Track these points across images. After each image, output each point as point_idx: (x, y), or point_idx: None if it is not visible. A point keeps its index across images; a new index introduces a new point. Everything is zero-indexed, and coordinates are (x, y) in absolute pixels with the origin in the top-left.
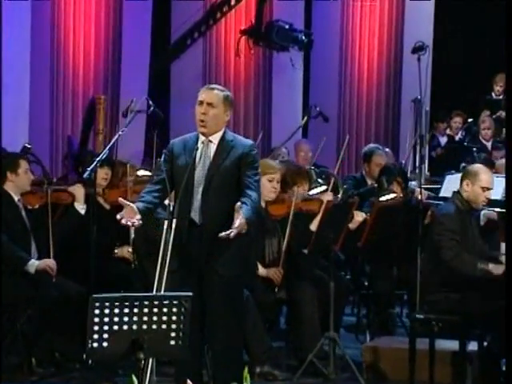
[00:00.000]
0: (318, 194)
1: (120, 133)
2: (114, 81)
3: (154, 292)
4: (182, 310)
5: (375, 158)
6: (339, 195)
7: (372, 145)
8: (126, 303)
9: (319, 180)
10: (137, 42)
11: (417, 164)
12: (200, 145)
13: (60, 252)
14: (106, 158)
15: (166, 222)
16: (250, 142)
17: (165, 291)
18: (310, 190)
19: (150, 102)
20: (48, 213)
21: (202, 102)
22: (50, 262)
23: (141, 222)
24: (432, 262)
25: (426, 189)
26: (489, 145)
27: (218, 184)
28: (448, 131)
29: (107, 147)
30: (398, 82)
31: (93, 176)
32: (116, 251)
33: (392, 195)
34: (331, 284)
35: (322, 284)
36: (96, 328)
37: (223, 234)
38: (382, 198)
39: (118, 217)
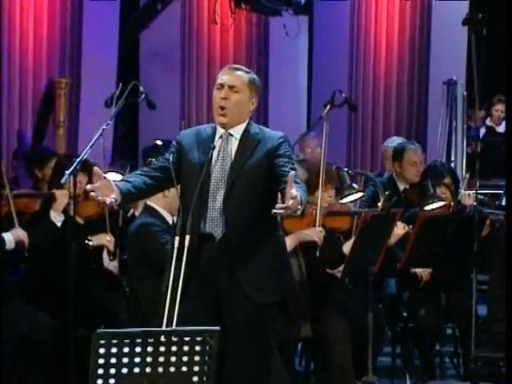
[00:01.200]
0: (352, 202)
1: (104, 127)
2: (73, 59)
3: (164, 325)
4: (207, 348)
5: (408, 155)
6: (379, 203)
7: (395, 137)
8: (138, 340)
9: (354, 185)
10: (102, 7)
11: (452, 162)
12: (218, 140)
13: (28, 275)
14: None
15: (176, 239)
16: (279, 133)
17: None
18: (342, 197)
19: (141, 88)
20: (15, 224)
21: (222, 85)
22: (20, 232)
23: (114, 201)
24: (503, 286)
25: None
26: None
27: (243, 188)
28: (488, 121)
29: (89, 145)
30: (425, 59)
31: (71, 181)
32: (91, 242)
33: (440, 203)
34: (369, 315)
35: (354, 315)
36: (101, 371)
37: (277, 206)
38: (428, 207)
39: (89, 187)
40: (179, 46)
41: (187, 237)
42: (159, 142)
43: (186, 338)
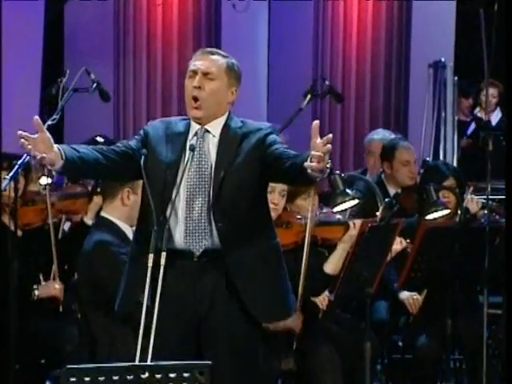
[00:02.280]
0: (345, 210)
1: (49, 122)
2: None
3: (137, 359)
4: None
5: (400, 154)
6: (378, 213)
7: (381, 130)
8: (115, 377)
9: (348, 190)
10: None
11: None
12: (192, 137)
13: None
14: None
15: (150, 257)
16: (266, 123)
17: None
18: (334, 205)
19: (93, 76)
20: None
21: (194, 72)
22: None
23: (47, 160)
24: None
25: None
26: None
27: (232, 192)
28: (477, 111)
29: None
30: (405, 37)
31: (11, 187)
32: (36, 291)
33: (444, 211)
34: (367, 345)
35: (344, 345)
36: None
37: (312, 154)
38: (430, 216)
39: (21, 132)
40: (112, 21)
41: (163, 254)
42: (100, 139)
43: (172, 375)
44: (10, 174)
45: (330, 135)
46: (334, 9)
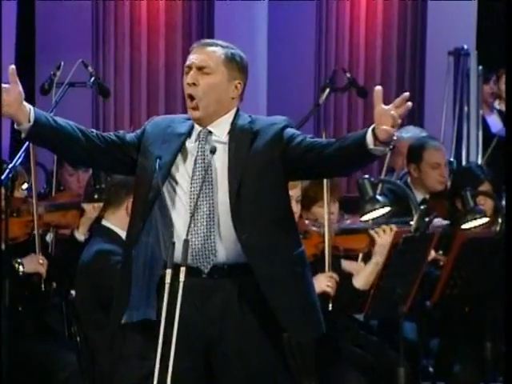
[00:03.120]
0: (376, 219)
1: None
2: None
3: None
4: None
5: (429, 155)
6: (412, 222)
7: (411, 127)
8: None
9: (378, 197)
10: None
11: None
12: (194, 139)
13: None
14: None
15: (168, 272)
16: (279, 117)
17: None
18: (363, 213)
19: (90, 69)
20: None
21: (190, 68)
22: None
23: (9, 113)
24: None
25: None
26: None
27: (251, 199)
28: (497, 104)
29: (23, 148)
30: (421, 22)
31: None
32: (21, 267)
33: (483, 219)
34: (400, 371)
35: (370, 370)
36: None
37: (393, 114)
38: (467, 225)
39: None
40: (90, 2)
41: (182, 269)
42: None
43: None
44: (3, 177)
45: (407, 93)
46: None
